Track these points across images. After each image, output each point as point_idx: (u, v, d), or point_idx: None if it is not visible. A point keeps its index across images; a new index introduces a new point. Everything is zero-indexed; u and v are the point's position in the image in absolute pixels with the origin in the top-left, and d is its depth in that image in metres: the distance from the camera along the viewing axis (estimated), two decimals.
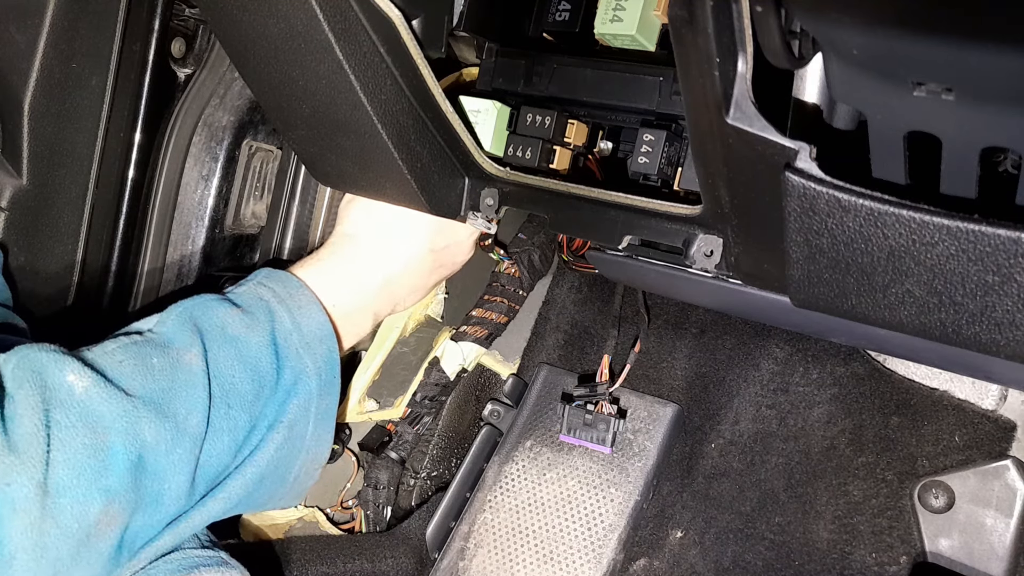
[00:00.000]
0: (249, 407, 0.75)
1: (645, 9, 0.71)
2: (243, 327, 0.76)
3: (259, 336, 0.77)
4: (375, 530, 1.10)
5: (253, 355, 0.76)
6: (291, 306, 0.80)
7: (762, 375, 1.08)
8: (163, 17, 0.90)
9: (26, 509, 0.60)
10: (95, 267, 0.92)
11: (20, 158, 0.82)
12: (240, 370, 0.75)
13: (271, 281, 0.82)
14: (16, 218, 0.83)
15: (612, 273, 0.89)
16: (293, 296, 0.81)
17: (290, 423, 0.78)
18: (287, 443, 0.78)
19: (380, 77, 0.75)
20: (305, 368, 0.79)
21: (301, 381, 0.79)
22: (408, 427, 1.11)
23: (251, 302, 0.79)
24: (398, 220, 0.90)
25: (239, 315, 0.77)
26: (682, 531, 1.04)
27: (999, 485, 0.93)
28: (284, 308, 0.80)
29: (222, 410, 0.73)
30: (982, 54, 0.41)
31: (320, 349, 0.81)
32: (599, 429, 1.04)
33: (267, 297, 0.80)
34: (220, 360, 0.74)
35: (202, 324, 0.75)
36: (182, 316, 0.75)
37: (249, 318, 0.77)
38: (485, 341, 1.13)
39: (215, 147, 0.99)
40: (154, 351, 0.71)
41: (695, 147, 0.62)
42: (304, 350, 0.79)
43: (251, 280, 0.82)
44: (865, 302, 0.58)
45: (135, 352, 0.70)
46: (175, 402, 0.69)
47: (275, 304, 0.80)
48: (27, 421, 0.62)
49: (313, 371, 0.80)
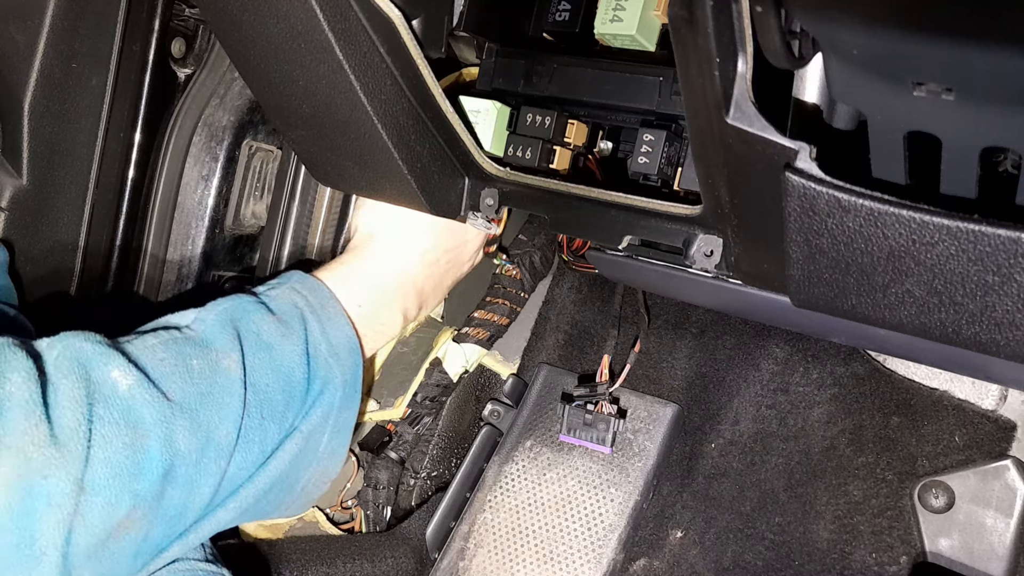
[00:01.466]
0: (280, 418, 0.74)
1: (645, 9, 0.71)
2: (279, 335, 0.75)
3: (293, 344, 0.76)
4: (375, 530, 1.10)
5: (287, 364, 0.75)
6: (322, 317, 0.80)
7: (762, 375, 1.08)
8: (163, 17, 0.90)
9: (61, 504, 0.59)
10: (95, 267, 0.92)
11: (20, 158, 0.82)
12: (274, 379, 0.73)
13: (304, 288, 0.81)
14: (16, 218, 0.83)
15: (612, 273, 0.89)
16: (324, 306, 0.81)
17: (308, 433, 0.77)
18: (302, 453, 0.77)
19: (380, 77, 0.75)
20: (333, 378, 0.78)
21: (327, 391, 0.78)
22: (408, 427, 1.11)
23: (286, 309, 0.78)
24: (409, 221, 0.90)
25: (275, 322, 0.76)
26: (682, 531, 1.04)
27: (999, 485, 0.93)
28: (315, 318, 0.79)
29: (256, 420, 0.71)
30: (982, 54, 0.41)
31: (347, 361, 0.80)
32: (599, 429, 1.04)
33: (301, 305, 0.79)
34: (256, 367, 0.73)
35: (241, 327, 0.74)
36: (222, 316, 0.74)
37: (284, 326, 0.76)
38: (487, 342, 1.13)
39: (215, 147, 0.99)
40: (194, 351, 0.70)
41: (695, 147, 0.62)
42: (333, 360, 0.79)
43: (284, 284, 0.81)
44: (865, 302, 0.58)
45: (176, 351, 0.69)
46: (210, 409, 0.68)
47: (307, 313, 0.79)
48: (70, 414, 0.60)
49: (340, 382, 0.79)
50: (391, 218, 0.91)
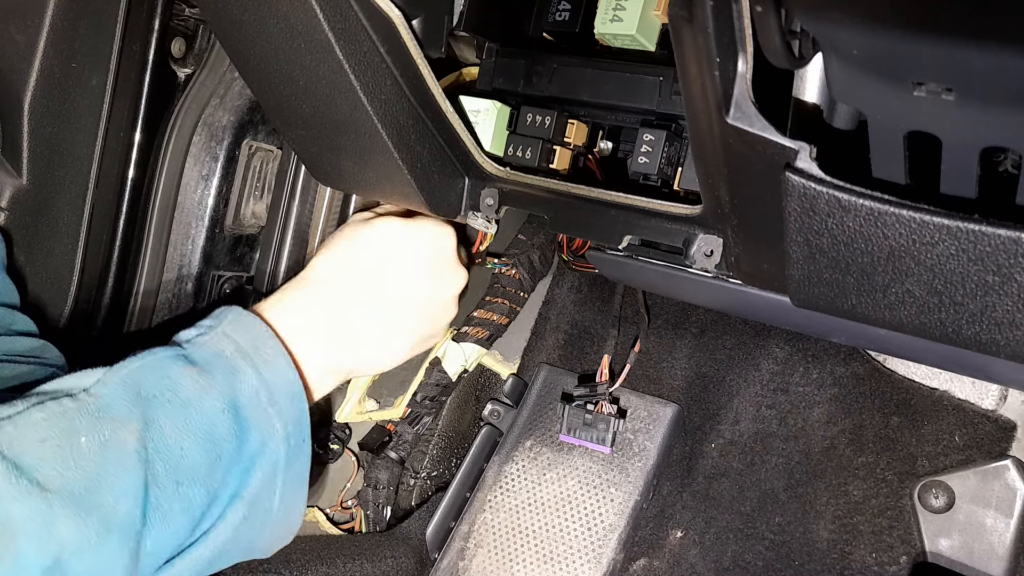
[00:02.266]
0: (204, 480, 0.66)
1: (645, 9, 0.71)
2: (197, 389, 0.68)
3: (214, 399, 0.68)
4: (375, 530, 1.10)
5: (207, 421, 0.67)
6: (256, 360, 0.72)
7: (762, 375, 1.08)
8: (163, 17, 0.90)
9: None
10: (95, 267, 0.92)
11: (20, 158, 0.82)
12: (191, 441, 0.66)
13: (235, 330, 0.73)
14: (16, 218, 0.83)
15: (612, 273, 0.89)
16: (259, 348, 0.73)
17: (251, 499, 0.69)
18: (248, 520, 0.70)
19: (380, 77, 0.75)
20: (273, 431, 0.71)
21: (268, 448, 0.70)
22: (408, 427, 1.11)
23: (210, 358, 0.71)
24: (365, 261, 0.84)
25: (194, 375, 0.68)
26: (682, 531, 1.04)
27: (999, 485, 0.93)
28: (248, 363, 0.71)
29: (169, 490, 0.64)
30: (982, 54, 0.41)
31: (290, 410, 0.73)
32: (599, 429, 1.04)
33: (229, 352, 0.72)
34: (167, 432, 0.65)
35: (149, 389, 0.66)
36: (127, 381, 0.66)
37: (205, 378, 0.69)
38: (486, 342, 1.13)
39: (215, 147, 0.99)
40: (84, 426, 0.62)
41: (695, 147, 0.62)
42: (273, 409, 0.71)
43: (215, 328, 0.73)
44: (865, 302, 0.58)
45: (62, 428, 0.61)
46: (102, 491, 0.60)
47: (238, 360, 0.71)
48: None
49: (282, 435, 0.71)
50: (350, 259, 0.85)
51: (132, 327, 0.96)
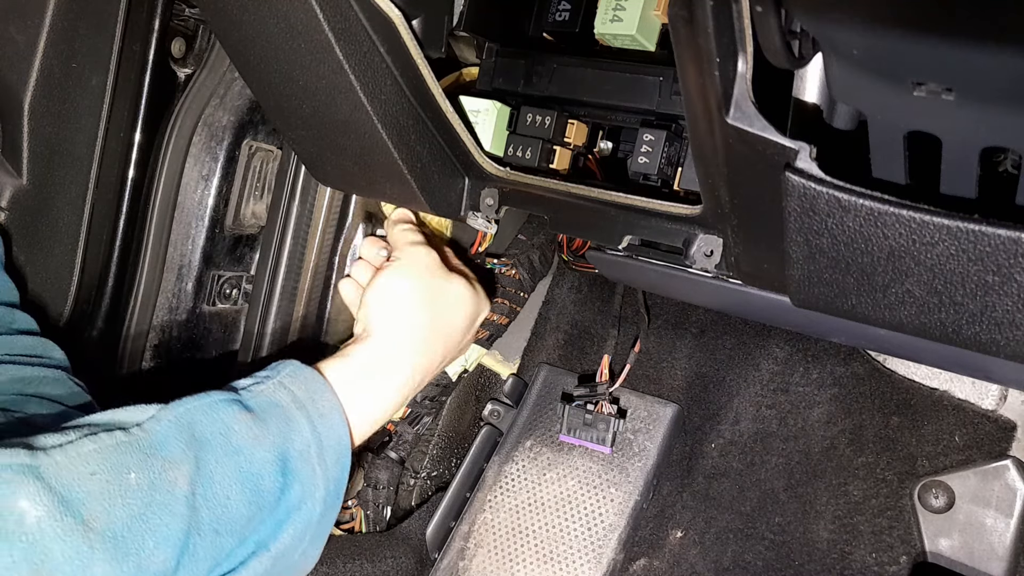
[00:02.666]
0: (240, 531, 0.65)
1: (645, 9, 0.71)
2: (250, 437, 0.67)
3: (265, 450, 0.67)
4: (375, 530, 1.10)
5: (255, 471, 0.66)
6: (311, 412, 0.72)
7: (762, 375, 1.08)
8: (163, 17, 0.90)
9: None
10: (95, 267, 0.92)
11: (20, 158, 0.82)
12: (237, 490, 0.65)
13: (293, 382, 0.73)
14: (16, 218, 0.83)
15: (612, 273, 0.89)
16: (316, 400, 0.73)
17: (278, 554, 0.68)
18: (270, 571, 0.68)
19: (380, 77, 0.75)
20: (315, 489, 0.70)
21: (306, 505, 0.69)
22: (408, 427, 1.11)
23: (266, 406, 0.70)
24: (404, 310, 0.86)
25: (249, 421, 0.68)
26: (682, 531, 1.04)
27: (999, 485, 0.93)
28: (304, 414, 0.71)
29: (208, 538, 0.63)
30: (982, 54, 0.41)
31: (334, 468, 0.72)
32: (599, 429, 1.04)
33: (286, 401, 0.71)
34: (216, 478, 0.64)
35: (202, 432, 0.65)
36: (181, 420, 0.65)
37: (260, 427, 0.68)
38: (486, 342, 1.13)
39: (215, 147, 0.99)
40: (135, 461, 0.60)
41: (695, 147, 0.62)
42: (320, 467, 0.71)
43: (272, 378, 0.73)
44: (865, 302, 0.58)
45: (113, 463, 0.59)
46: (143, 534, 0.59)
47: (294, 410, 0.71)
48: None
49: (321, 495, 0.71)
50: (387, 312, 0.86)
51: (132, 327, 0.96)
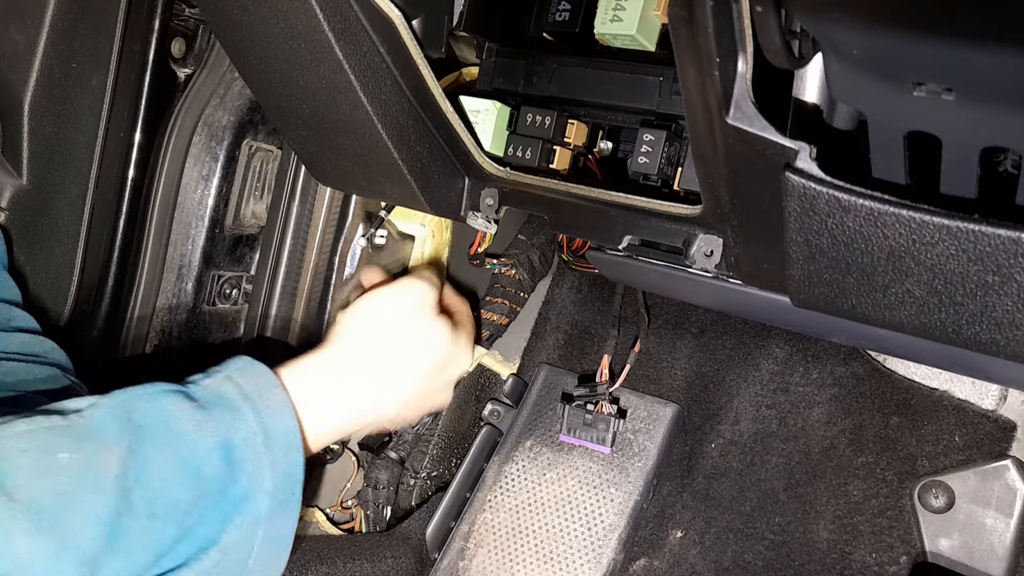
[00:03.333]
0: (180, 517, 0.64)
1: (645, 9, 0.71)
2: (191, 423, 0.66)
3: (208, 436, 0.66)
4: (375, 530, 1.10)
5: (196, 457, 0.65)
6: (258, 404, 0.70)
7: (762, 375, 1.08)
8: (163, 17, 0.90)
9: None
10: (95, 267, 0.92)
11: (20, 158, 0.82)
12: (176, 475, 0.64)
13: (242, 375, 0.72)
14: (16, 218, 0.83)
15: (612, 273, 0.89)
16: (263, 394, 0.71)
17: (226, 548, 0.66)
18: (220, 568, 0.66)
19: (380, 77, 0.75)
20: (262, 480, 0.68)
21: (251, 498, 0.68)
22: (408, 427, 1.11)
23: (209, 397, 0.69)
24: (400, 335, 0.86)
25: (190, 410, 0.67)
26: (682, 531, 1.04)
27: (999, 485, 0.93)
28: (250, 405, 0.70)
29: (142, 521, 0.62)
30: (982, 54, 0.41)
31: (284, 461, 0.70)
32: (599, 429, 1.04)
33: (230, 393, 0.70)
34: (152, 462, 0.63)
35: (141, 417, 0.65)
36: (120, 407, 0.65)
37: (201, 414, 0.67)
38: (486, 342, 1.13)
39: (215, 147, 0.99)
40: (68, 443, 0.61)
41: (695, 147, 0.62)
42: (267, 457, 0.69)
43: (220, 372, 0.73)
44: (865, 302, 0.58)
45: (44, 442, 0.60)
46: (70, 510, 0.59)
47: (239, 401, 0.70)
48: None
49: (270, 487, 0.69)
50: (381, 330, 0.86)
51: (132, 327, 0.96)
